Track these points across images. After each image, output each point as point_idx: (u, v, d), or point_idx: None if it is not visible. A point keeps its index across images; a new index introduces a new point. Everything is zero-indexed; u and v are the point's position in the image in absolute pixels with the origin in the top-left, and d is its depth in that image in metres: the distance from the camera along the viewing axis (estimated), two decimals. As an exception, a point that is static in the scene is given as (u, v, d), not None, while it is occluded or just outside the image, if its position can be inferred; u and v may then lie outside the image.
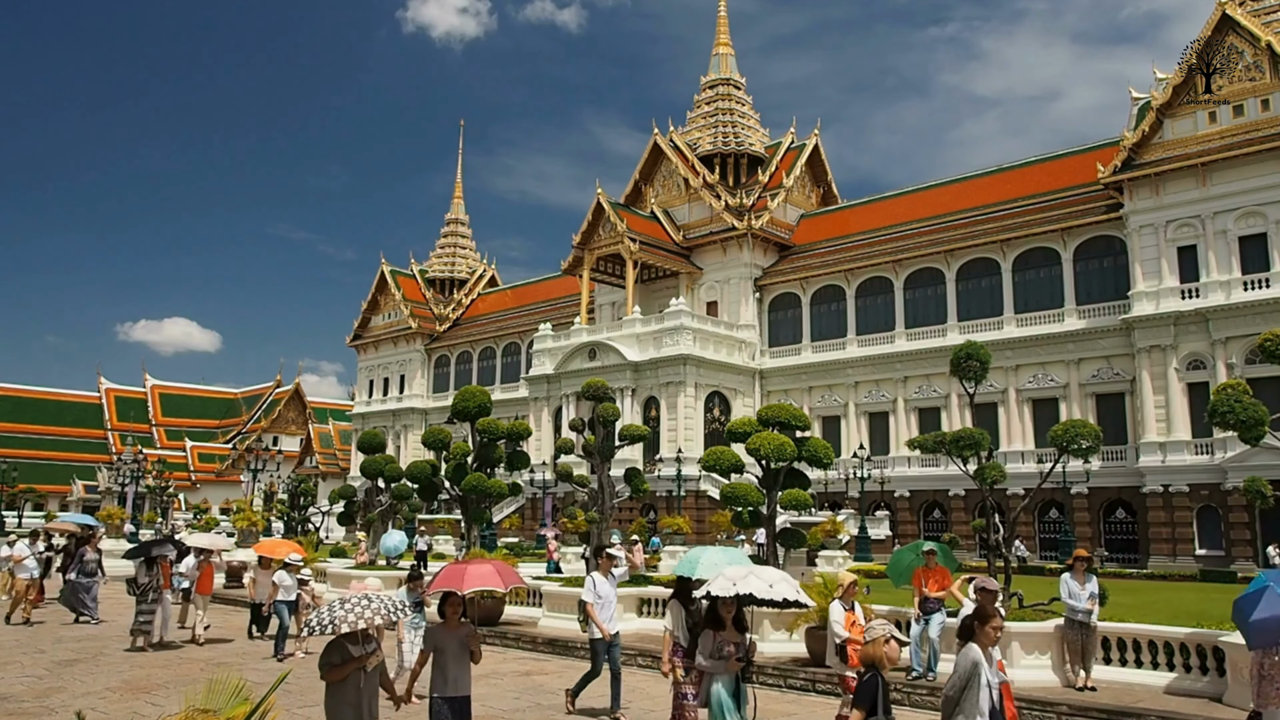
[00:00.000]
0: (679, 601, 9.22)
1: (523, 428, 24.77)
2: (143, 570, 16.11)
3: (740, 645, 7.71)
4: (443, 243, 79.34)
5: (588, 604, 10.69)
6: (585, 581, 10.89)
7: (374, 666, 6.55)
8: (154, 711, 10.54)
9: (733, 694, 7.60)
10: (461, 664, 7.29)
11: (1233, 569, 32.03)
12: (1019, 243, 43.40)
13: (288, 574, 15.66)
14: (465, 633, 7.36)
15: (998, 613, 5.84)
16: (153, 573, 15.97)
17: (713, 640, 7.65)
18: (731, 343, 50.37)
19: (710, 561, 8.97)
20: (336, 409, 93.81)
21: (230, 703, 4.30)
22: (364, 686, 6.48)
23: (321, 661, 6.46)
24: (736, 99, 59.32)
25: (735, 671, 7.62)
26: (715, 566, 8.76)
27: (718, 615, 7.73)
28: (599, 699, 11.14)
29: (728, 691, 7.58)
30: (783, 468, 16.98)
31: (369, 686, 6.53)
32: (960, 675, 5.58)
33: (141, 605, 15.67)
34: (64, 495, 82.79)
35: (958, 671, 5.60)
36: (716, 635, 7.67)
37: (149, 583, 15.79)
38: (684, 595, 9.19)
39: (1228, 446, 34.49)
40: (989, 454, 14.81)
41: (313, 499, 39.02)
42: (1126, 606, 16.05)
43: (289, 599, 15.48)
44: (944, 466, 40.01)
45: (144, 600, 15.68)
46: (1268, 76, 35.93)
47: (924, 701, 11.57)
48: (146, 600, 15.66)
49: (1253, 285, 35.79)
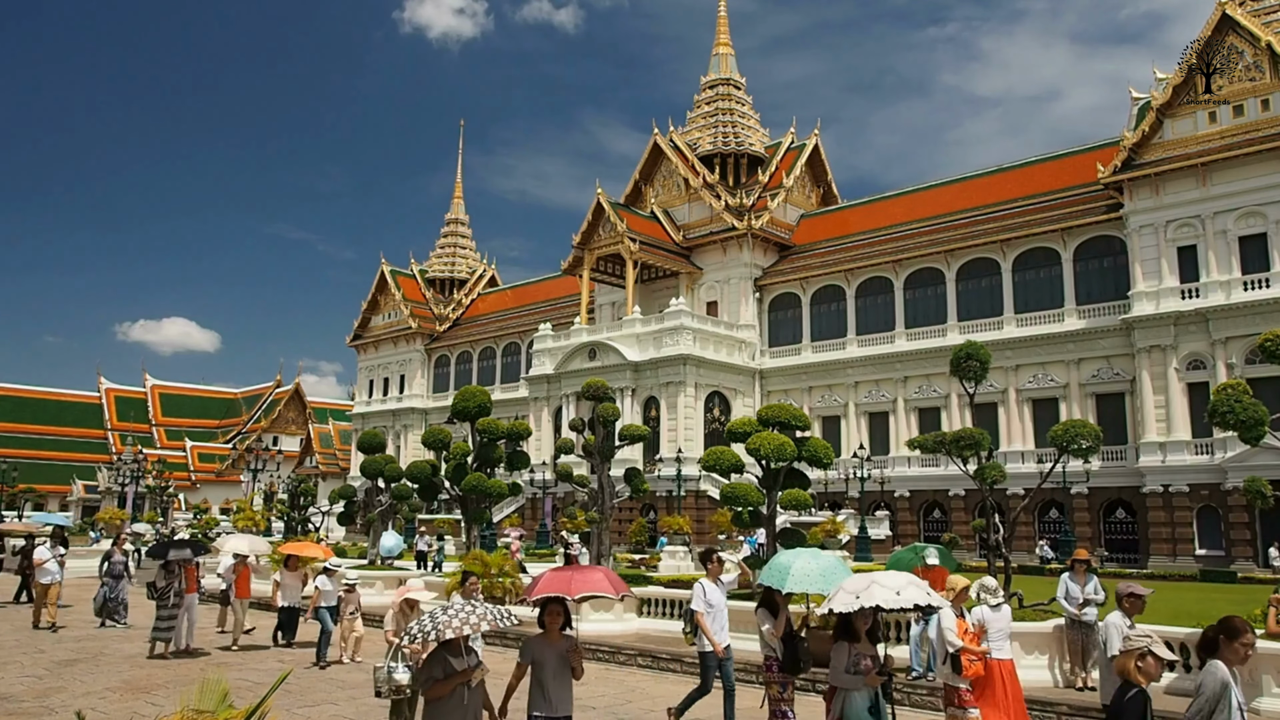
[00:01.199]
0: (767, 611, 8.61)
1: (523, 428, 24.79)
2: (160, 573, 15.29)
3: (876, 658, 7.15)
4: (443, 243, 79.37)
5: (697, 613, 9.60)
6: (694, 588, 9.76)
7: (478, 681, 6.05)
8: (153, 711, 10.54)
9: (871, 710, 7.04)
10: (562, 681, 6.53)
11: (1233, 569, 32.02)
12: (1019, 243, 43.40)
13: (329, 578, 14.92)
14: (567, 646, 6.60)
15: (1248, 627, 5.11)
16: (172, 576, 15.13)
17: (847, 653, 7.05)
18: (731, 343, 50.38)
19: (802, 572, 8.14)
20: (336, 409, 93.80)
21: (219, 707, 4.26)
22: (468, 703, 5.96)
23: (422, 676, 6.01)
24: (736, 99, 59.33)
25: (875, 686, 7.06)
26: (808, 578, 8.07)
27: (851, 627, 7.12)
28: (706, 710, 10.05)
29: (865, 708, 7.02)
30: (783, 468, 16.97)
31: (473, 703, 6.00)
32: (1208, 698, 4.98)
33: (161, 610, 14.90)
34: (64, 495, 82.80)
35: (1204, 694, 5.00)
36: (851, 648, 7.07)
37: (168, 586, 15.00)
38: (771, 604, 8.59)
39: (1228, 446, 34.50)
40: (989, 454, 14.82)
41: (313, 499, 38.97)
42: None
43: (331, 604, 14.72)
44: (944, 466, 40.01)
45: (163, 605, 14.91)
46: (1268, 76, 35.93)
47: (924, 701, 11.57)
48: (166, 605, 14.88)
49: (1253, 285, 35.79)
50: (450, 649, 5.94)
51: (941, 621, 8.50)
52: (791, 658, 8.53)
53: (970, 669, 8.26)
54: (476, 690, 6.04)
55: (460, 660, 5.96)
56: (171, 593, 14.93)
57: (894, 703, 8.35)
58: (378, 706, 11.49)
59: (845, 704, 7.04)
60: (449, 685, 5.87)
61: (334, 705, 11.55)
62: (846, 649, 7.09)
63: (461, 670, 5.92)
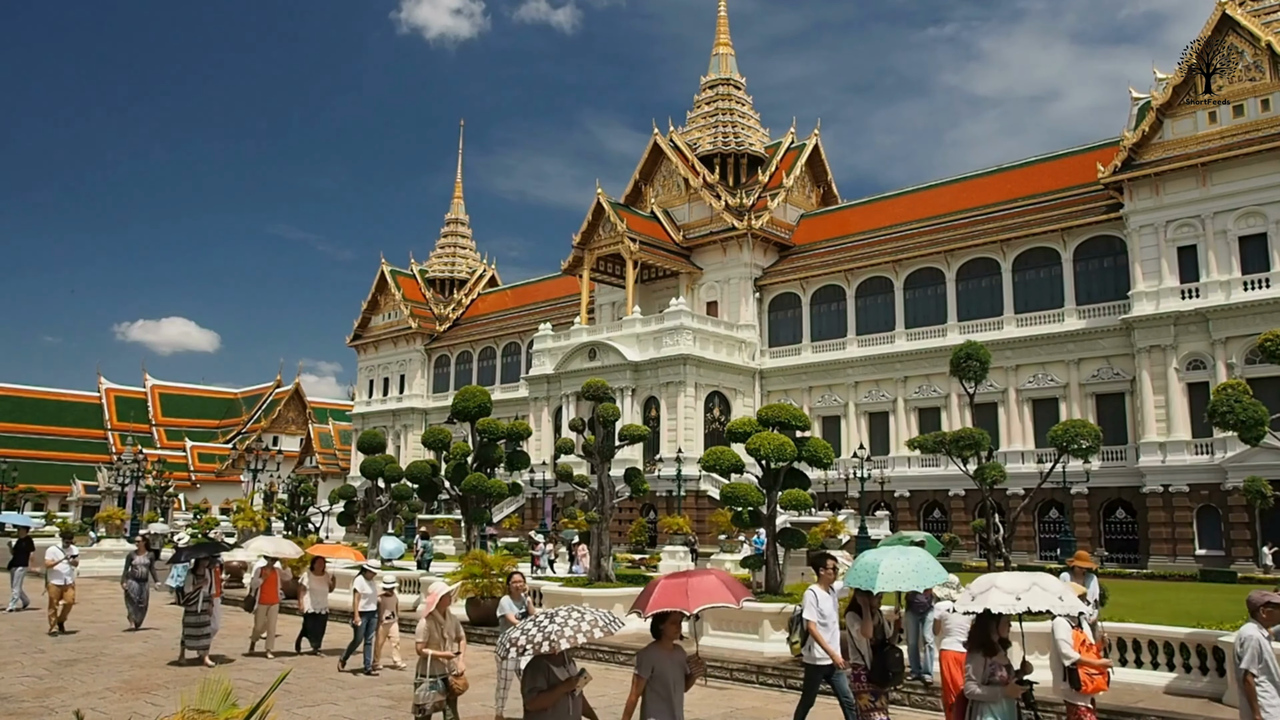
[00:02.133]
0: (855, 614, 8.12)
1: (523, 428, 24.79)
2: (189, 578, 14.77)
3: (1010, 666, 6.61)
4: (443, 243, 79.38)
5: (810, 623, 8.86)
6: (805, 597, 9.13)
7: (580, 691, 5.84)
8: (153, 711, 10.54)
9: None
10: (679, 693, 6.27)
11: (1233, 569, 32.03)
12: (1019, 243, 43.39)
13: (367, 581, 14.21)
14: (683, 657, 6.37)
15: None
16: (201, 580, 14.61)
17: (984, 665, 6.51)
18: (731, 343, 50.38)
19: (893, 570, 7.69)
20: (336, 409, 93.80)
21: (220, 707, 4.26)
22: (572, 713, 5.79)
23: (526, 687, 5.77)
24: (736, 99, 59.33)
25: (1015, 698, 6.60)
26: (899, 575, 7.65)
27: (987, 636, 6.53)
28: None
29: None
30: (783, 468, 16.97)
31: (575, 713, 5.83)
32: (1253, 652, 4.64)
33: (189, 616, 14.37)
34: (64, 495, 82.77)
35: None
36: (988, 659, 6.53)
37: (195, 591, 14.47)
38: (858, 607, 8.11)
39: (1228, 446, 34.49)
40: (989, 454, 14.86)
41: (313, 499, 38.99)
42: (1127, 606, 16.04)
43: (371, 609, 14.03)
44: (944, 466, 39.99)
45: (191, 610, 14.39)
46: (1268, 76, 35.93)
47: (924, 702, 11.57)
48: (195, 610, 14.35)
49: (1253, 285, 35.79)
50: (552, 658, 5.68)
51: (1056, 633, 7.82)
52: (881, 667, 7.98)
53: (1091, 684, 7.59)
54: (578, 700, 5.86)
55: (562, 669, 5.74)
56: (200, 597, 14.43)
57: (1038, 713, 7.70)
58: (378, 706, 11.50)
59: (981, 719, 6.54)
60: (554, 696, 5.66)
61: (334, 705, 11.55)
62: (982, 660, 6.54)
63: (566, 680, 5.71)
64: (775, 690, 12.76)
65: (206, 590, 14.55)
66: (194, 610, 14.35)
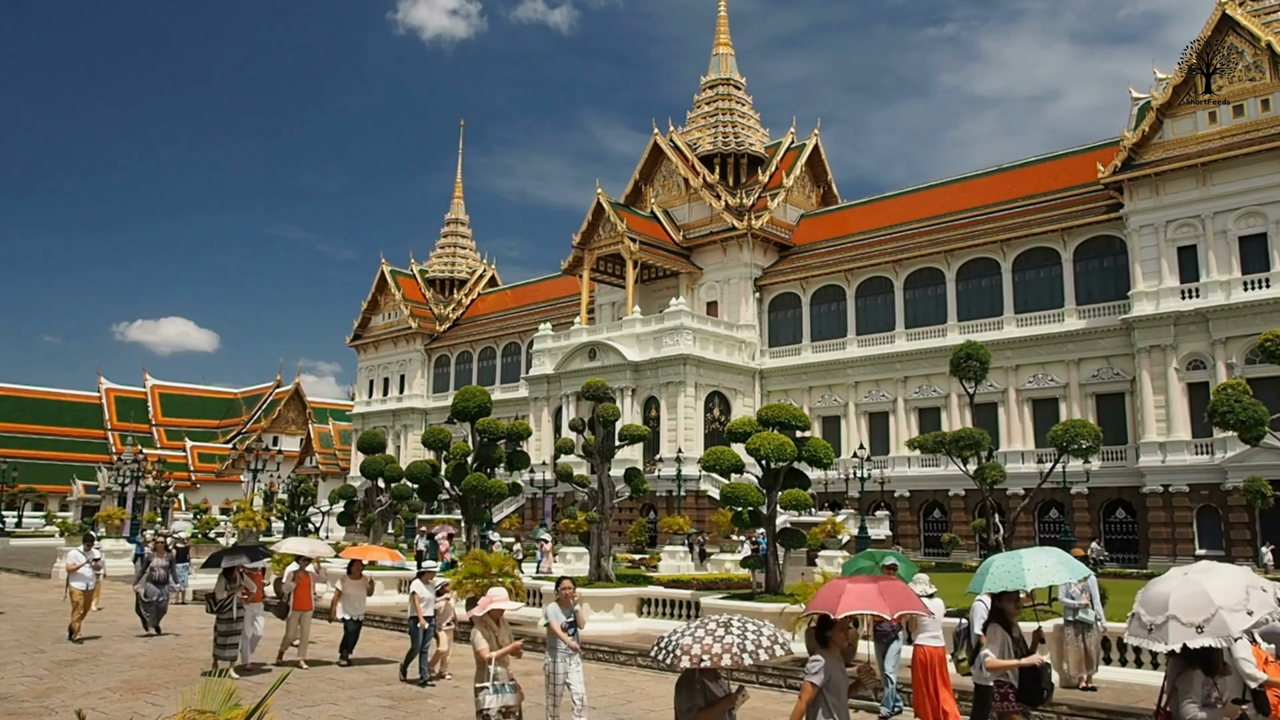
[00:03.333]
0: (999, 625, 7.31)
1: (523, 428, 24.80)
2: (221, 583, 13.69)
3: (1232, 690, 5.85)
4: (443, 243, 79.39)
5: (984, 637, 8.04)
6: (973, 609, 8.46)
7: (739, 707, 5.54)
8: (154, 711, 10.54)
9: None
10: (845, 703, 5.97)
11: (1233, 569, 32.00)
12: (1019, 243, 43.40)
13: (424, 584, 13.38)
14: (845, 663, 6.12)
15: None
16: (233, 585, 13.61)
17: (1201, 686, 5.61)
18: (731, 343, 50.38)
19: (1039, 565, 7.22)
20: (336, 409, 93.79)
21: (222, 707, 4.26)
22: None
23: (683, 706, 5.43)
24: (736, 99, 59.34)
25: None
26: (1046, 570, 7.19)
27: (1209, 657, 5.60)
28: None
29: None
30: (783, 468, 16.95)
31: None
32: None
33: (221, 625, 13.32)
34: (64, 495, 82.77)
35: None
36: (1206, 680, 5.66)
37: (228, 598, 13.43)
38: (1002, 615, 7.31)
39: (1228, 446, 34.50)
40: (989, 454, 14.85)
41: (313, 499, 39.02)
42: (1127, 606, 16.00)
43: (430, 613, 13.24)
44: (944, 466, 40.00)
45: (224, 619, 13.33)
46: (1268, 76, 35.93)
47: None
48: (229, 618, 13.33)
49: (1253, 285, 35.79)
50: (706, 673, 5.35)
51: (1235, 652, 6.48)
52: (1033, 684, 7.24)
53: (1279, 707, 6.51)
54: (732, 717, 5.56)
55: (717, 685, 5.42)
56: (233, 605, 13.40)
57: None
58: (378, 706, 11.51)
59: None
60: (715, 714, 5.36)
61: (334, 705, 11.56)
62: (1199, 679, 5.62)
63: (725, 697, 5.40)
64: (775, 690, 12.77)
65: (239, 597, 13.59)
66: (227, 619, 13.32)
